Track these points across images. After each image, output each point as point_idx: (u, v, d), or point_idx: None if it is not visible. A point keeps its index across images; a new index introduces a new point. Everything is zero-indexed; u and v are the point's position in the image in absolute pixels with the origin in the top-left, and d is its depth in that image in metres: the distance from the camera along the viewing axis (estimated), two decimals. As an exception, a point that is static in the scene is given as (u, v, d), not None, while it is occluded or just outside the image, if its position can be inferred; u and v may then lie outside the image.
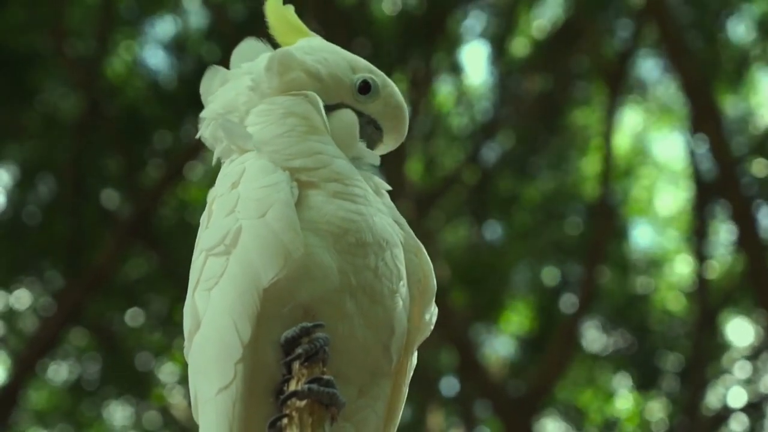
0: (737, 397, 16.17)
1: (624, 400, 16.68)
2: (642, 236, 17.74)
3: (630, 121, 16.71)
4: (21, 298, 14.96)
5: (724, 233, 15.72)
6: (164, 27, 15.32)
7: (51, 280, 14.87)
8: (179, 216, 14.37)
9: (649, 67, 16.09)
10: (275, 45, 2.86)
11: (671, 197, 17.48)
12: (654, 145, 17.74)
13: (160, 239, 13.75)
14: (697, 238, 15.07)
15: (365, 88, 2.77)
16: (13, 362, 14.44)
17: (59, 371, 15.87)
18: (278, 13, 2.88)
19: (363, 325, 2.51)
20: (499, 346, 17.35)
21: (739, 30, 15.16)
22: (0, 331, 15.25)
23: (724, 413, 15.93)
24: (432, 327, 2.71)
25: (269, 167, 2.56)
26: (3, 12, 13.29)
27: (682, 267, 17.00)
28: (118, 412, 16.30)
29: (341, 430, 2.47)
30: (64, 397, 15.98)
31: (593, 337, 16.68)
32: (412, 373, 2.72)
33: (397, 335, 2.58)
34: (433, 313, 2.71)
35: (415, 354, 2.72)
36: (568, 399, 16.69)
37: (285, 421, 2.35)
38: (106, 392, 15.84)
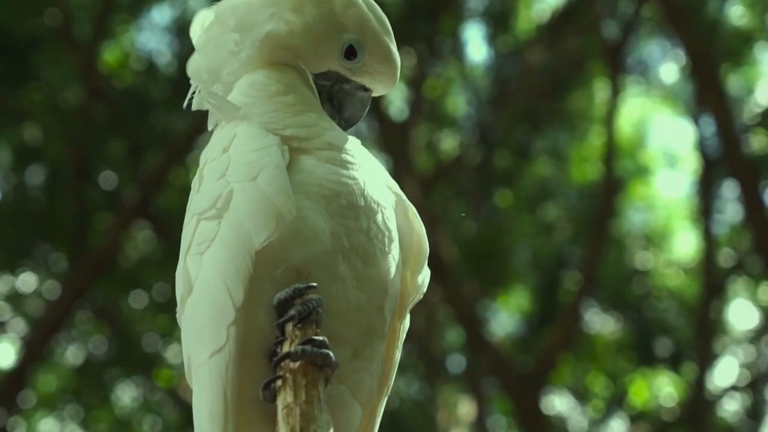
0: (740, 376, 16.23)
1: (630, 377, 16.71)
2: (643, 215, 17.72)
3: (632, 101, 16.70)
4: (26, 281, 14.99)
5: (729, 211, 15.73)
6: (164, 10, 15.35)
7: (56, 263, 14.91)
8: (182, 197, 14.37)
9: (651, 50, 16.08)
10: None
11: (673, 177, 17.50)
12: (656, 126, 17.78)
13: (163, 221, 13.75)
14: (702, 215, 15.08)
15: (351, 52, 2.73)
16: (20, 345, 14.48)
17: (66, 354, 15.91)
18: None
19: (356, 287, 2.51)
20: (505, 322, 17.41)
21: (738, 8, 15.14)
22: (6, 315, 15.27)
23: (728, 391, 15.99)
24: (425, 289, 2.71)
25: (260, 132, 2.56)
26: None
27: (685, 246, 17.04)
28: (126, 394, 16.36)
29: (336, 392, 2.46)
30: (72, 379, 16.02)
31: (596, 314, 16.71)
32: (404, 336, 2.72)
33: (390, 296, 2.58)
34: (425, 275, 2.71)
35: (408, 317, 2.73)
36: (574, 376, 16.72)
37: (279, 383, 2.35)
38: (114, 374, 15.89)
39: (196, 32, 2.79)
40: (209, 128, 2.76)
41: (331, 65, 2.74)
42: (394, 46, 2.77)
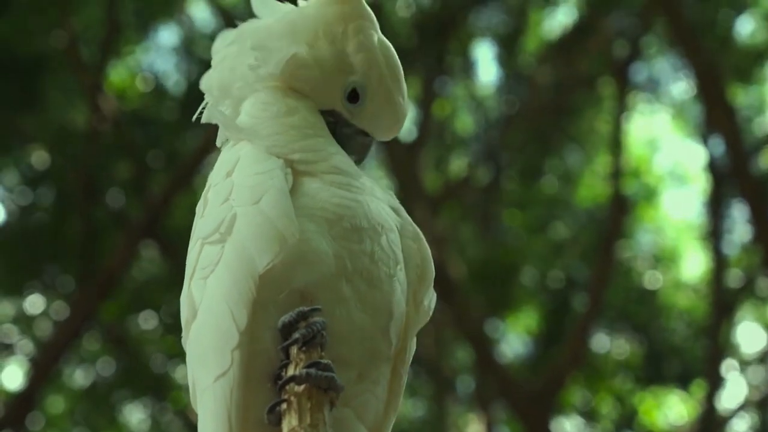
0: (750, 396, 16.18)
1: (639, 397, 16.67)
2: (652, 235, 17.69)
3: (641, 121, 16.70)
4: (34, 302, 14.99)
5: (738, 231, 15.70)
6: (171, 32, 15.39)
7: (63, 285, 14.91)
8: (190, 218, 14.34)
9: (660, 68, 16.06)
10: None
11: (682, 197, 17.48)
12: (665, 146, 17.77)
13: (171, 241, 13.75)
14: (712, 235, 15.05)
15: (354, 97, 2.72)
16: (28, 367, 14.47)
17: (75, 375, 15.90)
18: None
19: (360, 309, 2.50)
20: (513, 343, 17.38)
21: (748, 26, 15.15)
22: (14, 336, 15.28)
23: (738, 411, 15.94)
24: (431, 312, 2.70)
25: (263, 155, 2.56)
26: (10, 17, 13.31)
27: (695, 266, 17.02)
28: (135, 416, 16.34)
29: (341, 415, 2.45)
30: (80, 401, 16.00)
31: (605, 334, 16.69)
32: (411, 359, 2.70)
33: (395, 318, 2.57)
34: (431, 298, 2.70)
35: (414, 340, 2.71)
36: (583, 396, 16.69)
37: (283, 406, 2.34)
38: (122, 395, 15.87)
39: (217, 52, 2.78)
40: (218, 144, 2.77)
41: (335, 105, 2.73)
42: (399, 96, 2.76)
